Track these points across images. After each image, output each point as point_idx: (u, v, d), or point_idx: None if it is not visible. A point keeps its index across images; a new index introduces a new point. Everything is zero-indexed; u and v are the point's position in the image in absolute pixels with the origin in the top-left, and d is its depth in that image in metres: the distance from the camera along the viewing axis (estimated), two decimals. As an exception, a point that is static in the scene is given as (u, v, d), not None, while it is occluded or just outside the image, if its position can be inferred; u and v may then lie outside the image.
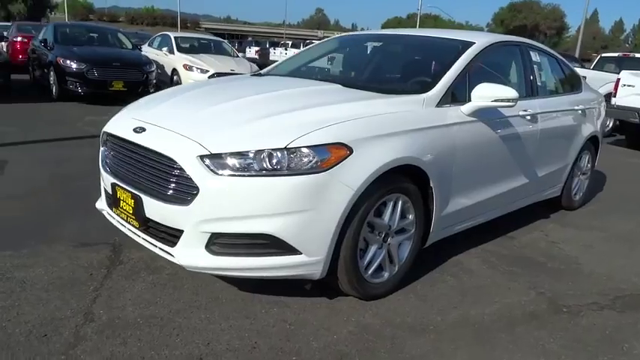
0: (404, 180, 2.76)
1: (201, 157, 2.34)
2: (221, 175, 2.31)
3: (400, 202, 2.79)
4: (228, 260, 2.38)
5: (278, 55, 34.00)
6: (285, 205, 2.33)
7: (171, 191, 2.44)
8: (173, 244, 2.48)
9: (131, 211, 2.64)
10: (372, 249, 2.73)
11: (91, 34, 10.93)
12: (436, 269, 3.29)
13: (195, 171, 2.33)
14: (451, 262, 3.42)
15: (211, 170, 2.32)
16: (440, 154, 2.93)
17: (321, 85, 3.33)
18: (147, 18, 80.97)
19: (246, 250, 2.38)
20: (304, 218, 2.36)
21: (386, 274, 2.85)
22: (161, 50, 12.13)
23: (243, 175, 2.32)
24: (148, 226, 2.59)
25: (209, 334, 2.37)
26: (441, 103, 3.05)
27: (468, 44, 3.46)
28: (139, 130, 2.65)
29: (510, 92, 3.12)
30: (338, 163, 2.41)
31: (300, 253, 2.41)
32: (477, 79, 3.27)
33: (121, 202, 2.72)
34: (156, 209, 2.50)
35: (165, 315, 2.50)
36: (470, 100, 3.16)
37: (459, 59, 3.28)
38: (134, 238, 2.73)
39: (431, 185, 2.91)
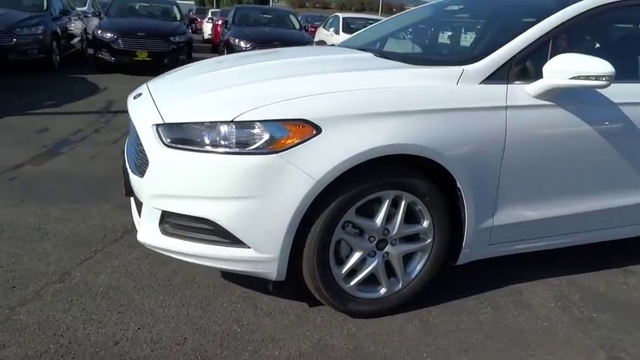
0: (409, 175, 2.15)
1: (157, 126, 2.13)
2: (168, 147, 2.07)
3: (403, 203, 2.18)
4: (178, 243, 2.14)
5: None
6: (228, 189, 1.99)
7: (139, 161, 2.30)
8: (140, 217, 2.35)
9: (124, 182, 2.59)
10: (357, 255, 2.19)
11: (265, 16, 11.59)
12: (475, 295, 2.55)
13: (148, 140, 2.13)
14: (505, 290, 2.63)
15: (162, 141, 2.09)
16: (477, 147, 2.21)
17: (350, 53, 2.81)
18: (355, 4, 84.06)
19: (194, 235, 2.11)
20: (250, 207, 1.99)
21: (382, 290, 2.28)
22: (329, 30, 12.30)
23: (187, 149, 2.03)
24: (133, 197, 2.51)
25: (149, 318, 2.19)
26: (491, 78, 2.29)
27: (565, 3, 2.54)
28: (136, 96, 2.57)
29: (601, 66, 2.19)
30: (297, 145, 1.96)
31: (248, 247, 2.05)
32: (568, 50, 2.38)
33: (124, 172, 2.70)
34: (132, 179, 2.39)
35: (128, 290, 2.39)
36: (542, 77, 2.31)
37: (541, 22, 2.42)
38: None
39: (458, 186, 2.22)
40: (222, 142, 1.99)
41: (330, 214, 2.04)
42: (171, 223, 2.15)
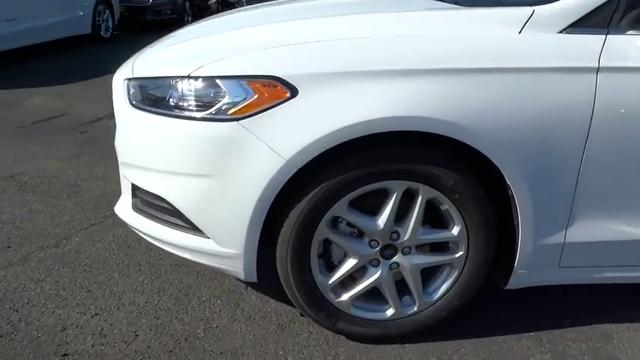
0: (428, 160, 1.53)
1: (128, 80, 1.77)
2: (131, 106, 1.70)
3: (420, 199, 1.57)
4: (146, 223, 1.79)
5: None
6: (179, 163, 1.57)
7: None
8: (124, 186, 2.06)
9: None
10: (352, 263, 1.64)
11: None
12: (532, 332, 1.83)
13: (119, 97, 1.78)
14: (582, 331, 1.86)
15: (128, 99, 1.73)
16: (543, 129, 1.50)
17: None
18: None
19: (160, 215, 1.74)
20: (204, 187, 1.55)
21: (389, 311, 1.71)
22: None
23: (146, 110, 1.65)
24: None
25: (113, 303, 1.90)
26: (580, 25, 1.52)
27: None
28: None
29: None
30: (264, 111, 1.46)
31: (208, 238, 1.63)
32: None
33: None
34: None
35: (113, 265, 2.14)
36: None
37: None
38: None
39: (508, 183, 1.53)
40: (180, 104, 1.57)
41: (309, 206, 1.53)
42: (141, 198, 1.81)
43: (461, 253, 1.65)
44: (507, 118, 1.48)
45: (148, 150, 1.65)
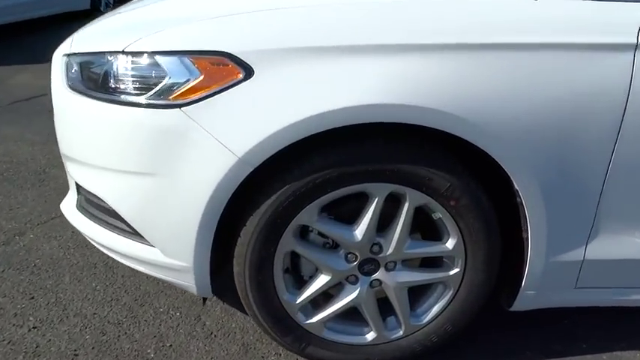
0: (416, 161, 1.23)
1: (66, 57, 1.49)
2: (67, 87, 1.43)
3: (407, 206, 1.28)
4: (88, 224, 1.53)
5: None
6: (114, 157, 1.30)
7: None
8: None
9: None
10: (324, 280, 1.36)
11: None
12: (543, 361, 1.56)
13: (56, 77, 1.51)
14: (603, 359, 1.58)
15: (65, 79, 1.46)
16: (561, 120, 1.19)
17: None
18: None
19: (102, 217, 1.48)
20: (144, 186, 1.28)
21: (370, 335, 1.44)
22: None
23: (78, 92, 1.37)
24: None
25: (56, 314, 1.65)
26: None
27: None
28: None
29: None
30: (211, 96, 1.18)
31: (152, 246, 1.37)
32: None
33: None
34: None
35: (66, 267, 1.89)
36: None
37: None
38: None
39: (516, 188, 1.24)
40: (116, 86, 1.29)
41: (269, 213, 1.25)
42: (84, 195, 1.54)
43: (457, 270, 1.37)
44: (518, 108, 1.18)
45: (83, 141, 1.38)
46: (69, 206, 1.62)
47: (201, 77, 1.18)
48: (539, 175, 1.23)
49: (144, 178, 1.27)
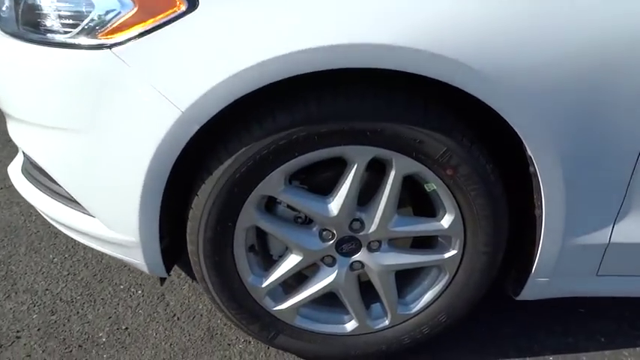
0: (403, 119, 0.99)
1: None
2: (4, 32, 1.20)
3: (393, 174, 1.05)
4: (31, 190, 1.33)
5: None
6: (39, 110, 1.08)
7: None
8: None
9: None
10: (294, 260, 1.15)
11: None
12: (551, 356, 1.34)
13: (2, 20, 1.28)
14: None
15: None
16: (589, 69, 0.93)
17: None
18: None
19: (43, 181, 1.28)
20: (75, 144, 1.06)
21: (350, 324, 1.24)
22: None
23: (9, 34, 1.14)
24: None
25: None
26: None
27: None
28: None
29: None
30: (148, 33, 0.94)
31: (92, 217, 1.16)
32: None
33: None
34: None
35: (11, 234, 1.72)
36: None
37: None
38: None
39: (529, 154, 1.00)
40: (41, 23, 1.06)
41: (224, 182, 1.03)
42: (27, 157, 1.34)
43: (454, 251, 1.14)
44: (536, 53, 0.92)
45: (14, 92, 1.15)
46: (15, 170, 1.42)
47: (135, 9, 0.94)
48: (558, 139, 0.98)
49: (73, 135, 1.05)
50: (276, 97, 1.00)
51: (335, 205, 1.08)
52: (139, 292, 1.50)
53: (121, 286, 1.52)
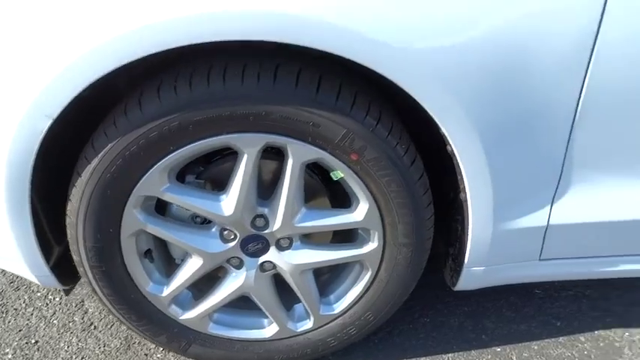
0: (293, 99, 0.84)
1: None
2: None
3: (290, 163, 0.91)
4: None
5: None
6: None
7: None
8: None
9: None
10: (195, 265, 1.01)
11: None
12: (499, 346, 1.23)
13: None
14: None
15: None
16: (509, 33, 0.79)
17: None
18: None
19: None
20: None
21: (270, 329, 1.12)
22: None
23: None
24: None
25: None
26: None
27: None
28: None
29: None
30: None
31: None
32: None
33: None
34: None
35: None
36: None
37: None
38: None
39: (443, 132, 0.85)
40: None
41: (95, 183, 0.89)
42: None
43: (373, 245, 1.01)
44: (441, 15, 0.77)
45: None
46: None
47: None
48: (476, 114, 0.84)
49: None
50: (146, 81, 0.86)
51: (229, 202, 0.94)
52: (57, 299, 1.38)
53: (38, 294, 1.39)
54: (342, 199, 1.02)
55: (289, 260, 1.02)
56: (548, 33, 0.80)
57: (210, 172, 0.99)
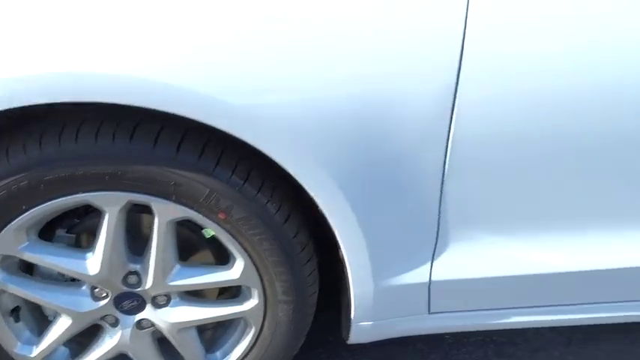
0: (152, 158, 0.81)
1: None
2: None
3: (157, 222, 0.87)
4: None
5: None
6: None
7: None
8: None
9: None
10: (65, 324, 0.95)
11: None
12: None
13: None
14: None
15: None
16: (367, 87, 0.78)
17: None
18: None
19: None
20: None
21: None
22: None
23: None
24: None
25: None
26: None
27: None
28: None
29: None
30: None
31: None
32: None
33: None
34: None
35: None
36: None
37: None
38: None
39: (309, 193, 0.83)
40: None
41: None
42: None
43: (255, 302, 0.98)
44: (298, 74, 0.76)
45: None
46: None
47: None
48: (338, 173, 0.82)
49: None
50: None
51: (95, 260, 0.90)
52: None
53: None
54: (226, 255, 0.99)
55: (166, 318, 0.98)
56: (407, 92, 0.79)
57: (85, 225, 0.95)
